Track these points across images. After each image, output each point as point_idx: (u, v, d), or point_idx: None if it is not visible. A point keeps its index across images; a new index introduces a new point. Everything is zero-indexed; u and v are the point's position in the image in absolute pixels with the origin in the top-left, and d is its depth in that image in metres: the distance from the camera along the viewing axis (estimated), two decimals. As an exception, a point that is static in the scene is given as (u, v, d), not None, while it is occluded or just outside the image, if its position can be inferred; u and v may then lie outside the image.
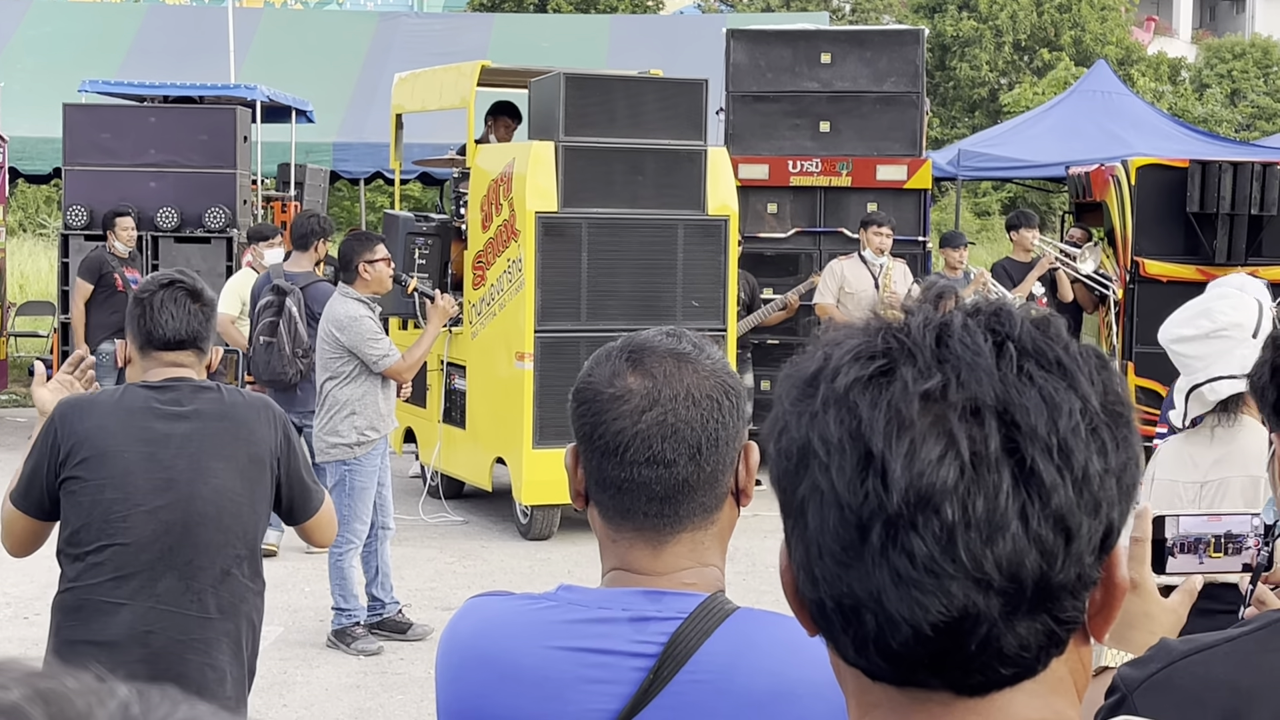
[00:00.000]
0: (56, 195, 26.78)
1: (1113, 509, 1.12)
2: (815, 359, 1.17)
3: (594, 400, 2.03)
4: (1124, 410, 1.14)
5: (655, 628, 2.00)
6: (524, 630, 2.04)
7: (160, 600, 4.22)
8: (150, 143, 15.21)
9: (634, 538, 2.05)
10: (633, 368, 2.03)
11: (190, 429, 4.28)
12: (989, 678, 1.12)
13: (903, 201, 14.34)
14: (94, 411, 4.28)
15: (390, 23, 25.10)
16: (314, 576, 9.91)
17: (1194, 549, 2.20)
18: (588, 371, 2.07)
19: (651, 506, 2.02)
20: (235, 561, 4.31)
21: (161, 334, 4.30)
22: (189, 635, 4.22)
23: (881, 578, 1.09)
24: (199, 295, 4.36)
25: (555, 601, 2.06)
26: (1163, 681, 1.97)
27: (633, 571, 2.05)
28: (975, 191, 36.67)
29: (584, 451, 2.06)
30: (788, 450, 1.16)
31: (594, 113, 11.17)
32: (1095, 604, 1.15)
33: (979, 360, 1.11)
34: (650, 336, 2.08)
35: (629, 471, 2.01)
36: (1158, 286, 14.62)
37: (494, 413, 11.49)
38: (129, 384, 4.39)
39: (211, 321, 4.40)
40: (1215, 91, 43.23)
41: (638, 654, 1.99)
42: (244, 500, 4.31)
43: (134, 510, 4.22)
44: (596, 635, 2.01)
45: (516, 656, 2.03)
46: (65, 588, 4.28)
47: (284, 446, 4.40)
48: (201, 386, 4.36)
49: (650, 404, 2.00)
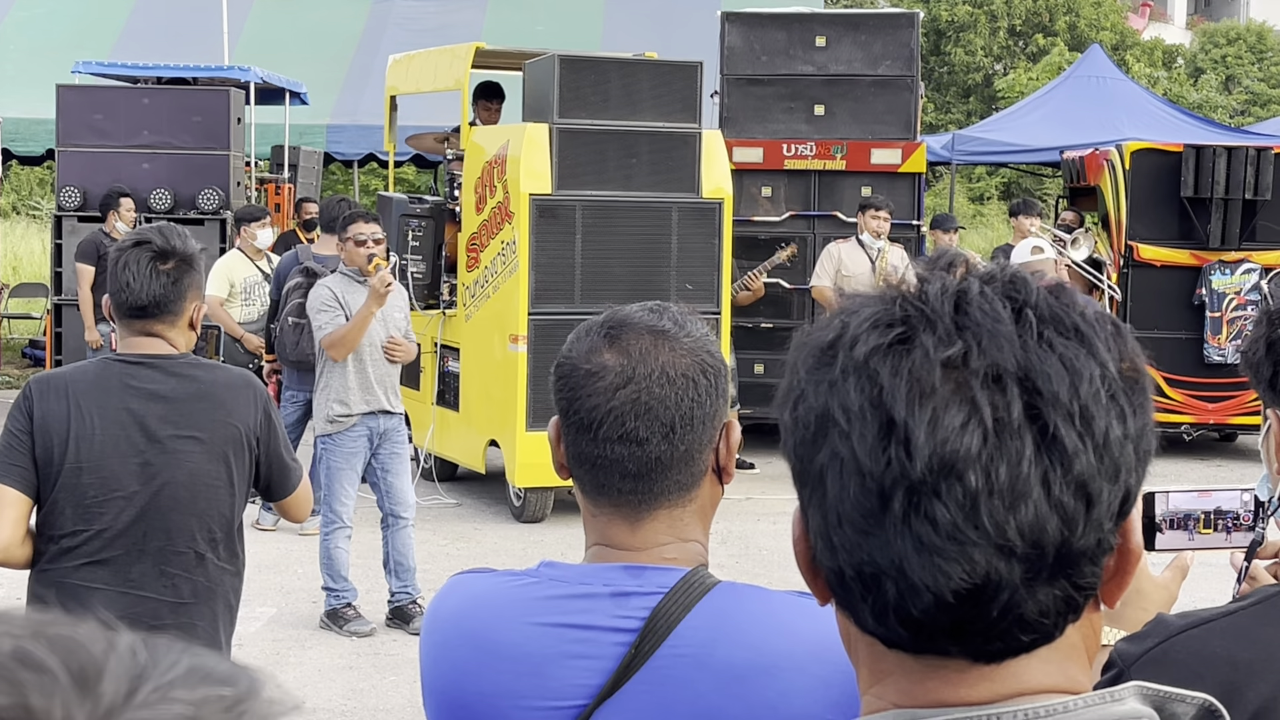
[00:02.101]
0: (50, 177, 26.72)
1: (1130, 474, 1.12)
2: (832, 327, 1.16)
3: (571, 375, 2.03)
4: (1140, 376, 1.15)
5: (636, 602, 1.99)
6: (506, 607, 2.04)
7: (134, 585, 4.14)
8: (144, 124, 15.19)
9: (611, 514, 2.05)
10: (609, 344, 2.02)
11: (166, 410, 4.14)
12: (1008, 644, 1.13)
13: (897, 185, 14.33)
14: (65, 391, 4.11)
15: (384, 4, 25.03)
16: (306, 558, 9.91)
17: (1183, 525, 2.21)
18: (568, 346, 2.07)
19: (625, 484, 2.02)
20: (210, 545, 4.22)
21: (124, 299, 4.11)
22: (161, 620, 4.11)
23: (903, 545, 1.09)
24: (168, 254, 4.10)
25: (536, 578, 2.06)
26: (1160, 656, 1.97)
27: (613, 547, 2.05)
28: (970, 176, 36.67)
29: (563, 426, 2.06)
30: (805, 419, 1.15)
31: (588, 95, 11.15)
32: (1109, 570, 1.15)
33: (999, 327, 1.11)
34: (631, 312, 2.07)
35: (603, 449, 2.01)
36: (1152, 271, 14.64)
37: (487, 395, 11.48)
38: (105, 358, 4.24)
39: (185, 280, 4.14)
40: (1210, 77, 43.22)
41: (619, 629, 1.99)
42: (220, 483, 4.20)
43: (109, 496, 4.12)
44: (578, 610, 2.00)
45: (498, 633, 2.03)
46: (41, 568, 4.18)
47: (264, 425, 4.27)
48: (180, 364, 4.18)
49: (624, 381, 2.00)
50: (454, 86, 12.45)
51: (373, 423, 8.69)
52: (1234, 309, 14.42)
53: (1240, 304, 14.32)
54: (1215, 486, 2.25)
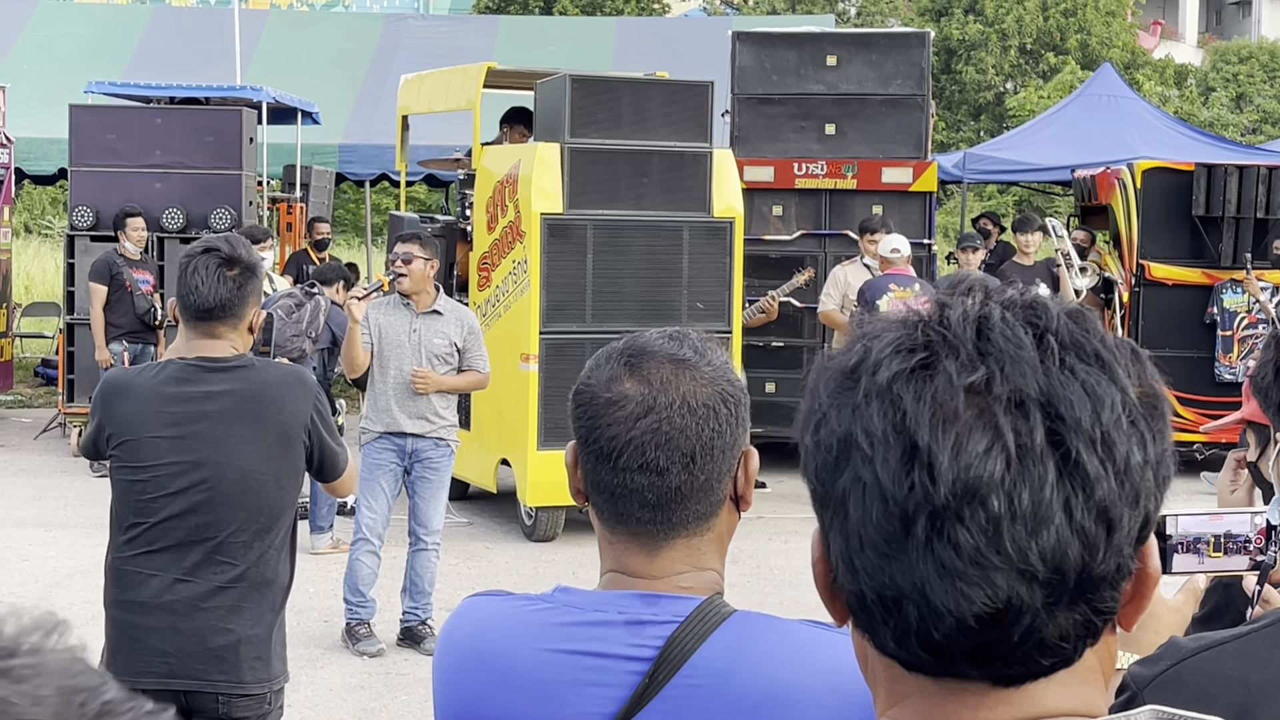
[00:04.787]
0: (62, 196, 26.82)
1: (1150, 500, 1.13)
2: (854, 352, 1.16)
3: (591, 404, 2.02)
4: (1159, 402, 1.15)
5: (651, 631, 1.99)
6: (520, 631, 2.04)
7: (187, 572, 4.50)
8: (156, 144, 15.21)
9: (629, 541, 2.04)
10: (630, 372, 2.02)
11: (220, 408, 4.48)
12: (1028, 668, 1.13)
13: (908, 204, 14.33)
14: (131, 394, 4.52)
15: (396, 24, 25.12)
16: (318, 577, 9.92)
17: (1193, 548, 2.20)
18: (587, 373, 2.06)
19: (644, 513, 2.01)
20: (258, 535, 4.54)
21: (192, 301, 4.46)
22: (209, 603, 4.48)
23: (926, 569, 1.10)
24: (234, 262, 4.46)
25: (551, 603, 2.05)
26: (1173, 679, 1.97)
27: (629, 574, 2.05)
28: (981, 195, 36.66)
29: (581, 453, 2.05)
30: (827, 443, 1.16)
31: (600, 114, 11.17)
32: (1127, 594, 1.16)
33: (1022, 353, 1.11)
34: (651, 339, 2.06)
35: (622, 478, 2.00)
36: (1163, 290, 14.63)
37: (499, 414, 11.49)
38: (169, 360, 4.60)
39: (248, 287, 4.49)
40: (1221, 95, 43.22)
41: (633, 657, 1.98)
42: (269, 478, 4.53)
43: (163, 493, 4.48)
44: (592, 638, 2.00)
45: (512, 658, 2.02)
46: (111, 555, 4.60)
47: (315, 418, 4.61)
48: (235, 364, 4.51)
49: (645, 411, 1.99)
50: (466, 106, 12.47)
51: (400, 441, 8.72)
52: (1245, 327, 14.40)
53: (1251, 322, 14.30)
54: (1225, 509, 2.25)
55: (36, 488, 13.21)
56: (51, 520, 11.88)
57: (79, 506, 12.27)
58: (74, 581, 9.92)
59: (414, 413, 8.71)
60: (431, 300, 8.80)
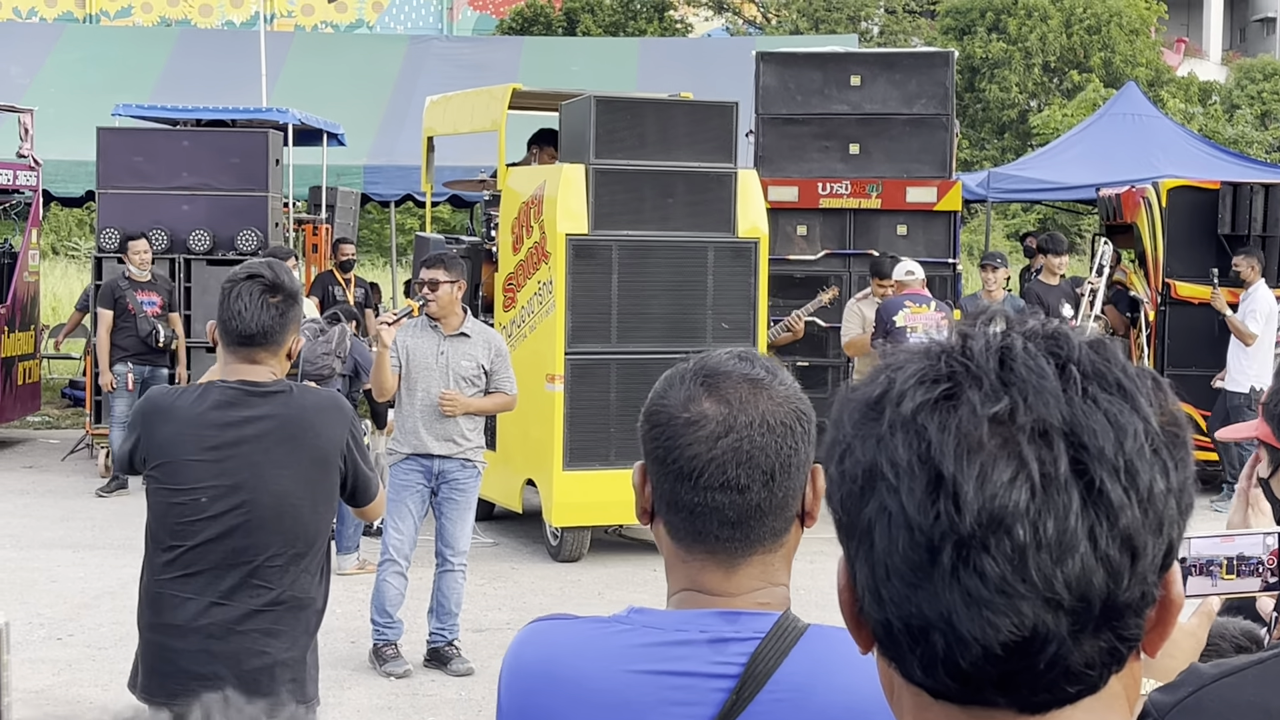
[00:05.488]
0: (89, 218, 26.93)
1: (1173, 528, 1.14)
2: (878, 383, 1.18)
3: (668, 424, 2.04)
4: (1181, 431, 1.16)
5: (734, 648, 2.02)
6: (600, 654, 2.05)
7: (223, 596, 4.52)
8: (183, 166, 15.28)
9: (706, 560, 2.06)
10: (708, 392, 2.04)
11: (258, 432, 4.51)
12: (1055, 695, 1.14)
13: (933, 223, 14.33)
14: (172, 417, 4.55)
15: (421, 46, 25.20)
16: (344, 598, 9.93)
17: (1207, 571, 2.20)
18: (660, 394, 2.08)
19: (724, 530, 2.04)
20: (294, 559, 4.57)
21: (234, 327, 4.49)
22: (245, 626, 4.52)
23: (952, 598, 1.11)
24: (277, 289, 4.49)
25: (629, 624, 2.07)
26: (1193, 706, 1.97)
27: (704, 592, 2.07)
28: (1006, 213, 36.60)
29: (655, 473, 2.07)
30: (852, 472, 1.17)
31: (624, 135, 11.20)
32: (1150, 621, 1.17)
33: (1045, 383, 1.12)
34: (723, 360, 2.09)
35: (703, 496, 2.02)
36: (1189, 308, 14.59)
37: (524, 434, 11.50)
38: (210, 383, 4.63)
39: (289, 314, 4.52)
40: (1246, 113, 43.08)
41: (718, 675, 2.01)
42: (304, 503, 4.57)
43: (201, 516, 4.51)
44: (676, 658, 2.02)
45: (594, 680, 2.04)
46: (146, 577, 4.64)
47: (351, 443, 4.66)
48: (274, 389, 4.54)
49: (726, 430, 2.02)
50: (491, 127, 12.51)
51: (427, 463, 8.74)
52: (1273, 346, 14.34)
53: (1278, 341, 14.25)
54: (1237, 531, 2.25)
55: (64, 509, 13.27)
56: (79, 541, 11.93)
57: (107, 527, 12.32)
58: (102, 603, 9.95)
59: (441, 434, 8.73)
60: (459, 323, 8.82)
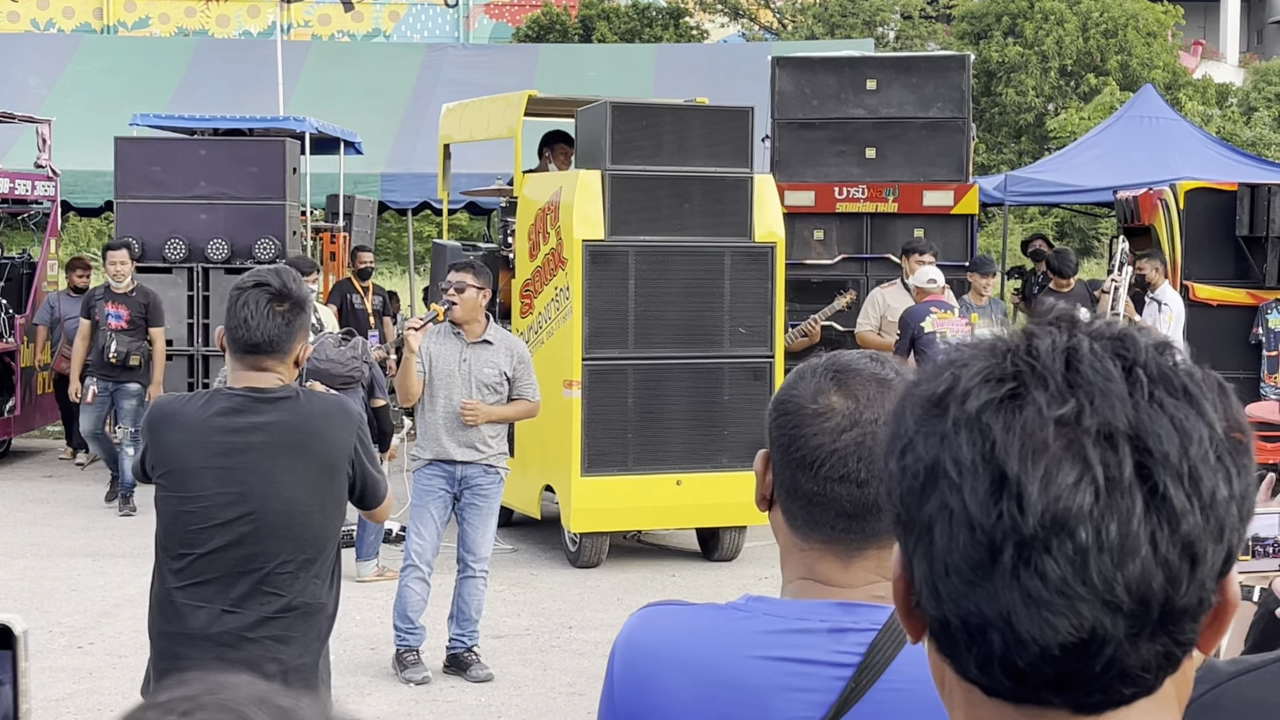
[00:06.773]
0: (108, 228, 26.99)
1: (1233, 534, 1.14)
2: (942, 380, 1.18)
3: (796, 414, 2.09)
4: (1244, 438, 1.16)
5: (853, 638, 2.05)
6: (722, 638, 2.10)
7: (234, 603, 4.54)
8: (201, 175, 15.33)
9: (822, 550, 2.11)
10: (837, 387, 2.09)
11: (266, 440, 4.51)
12: (1110, 697, 1.15)
13: (950, 227, 14.32)
14: (179, 424, 4.55)
15: (437, 54, 25.23)
16: (364, 604, 9.95)
17: None
18: (791, 385, 2.13)
19: (840, 522, 2.08)
20: (304, 565, 4.58)
21: (241, 335, 4.49)
22: (256, 633, 4.53)
23: (1012, 598, 1.11)
24: (284, 296, 4.48)
25: (748, 612, 2.11)
26: (1211, 703, 1.97)
27: (821, 582, 2.11)
28: (1023, 217, 36.55)
29: (778, 461, 2.11)
30: (914, 469, 1.17)
31: (641, 141, 11.21)
32: (1205, 623, 1.17)
33: (1111, 386, 1.13)
34: (855, 358, 2.14)
35: (822, 486, 2.07)
36: (1208, 310, 14.56)
37: (542, 440, 11.51)
38: (217, 390, 4.67)
39: (297, 322, 4.51)
40: (1263, 115, 42.99)
41: (837, 663, 2.05)
42: (314, 508, 4.57)
43: (210, 523, 4.52)
44: (797, 645, 2.06)
45: (719, 664, 2.08)
46: (157, 585, 4.63)
47: (358, 448, 4.66)
48: (281, 395, 4.54)
49: (851, 424, 2.06)
50: (507, 134, 12.53)
51: (450, 468, 8.75)
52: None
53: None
54: None
55: (84, 518, 13.31)
56: (99, 550, 11.96)
57: (126, 536, 12.35)
58: (122, 611, 9.98)
59: (463, 441, 8.75)
60: (482, 330, 8.83)
